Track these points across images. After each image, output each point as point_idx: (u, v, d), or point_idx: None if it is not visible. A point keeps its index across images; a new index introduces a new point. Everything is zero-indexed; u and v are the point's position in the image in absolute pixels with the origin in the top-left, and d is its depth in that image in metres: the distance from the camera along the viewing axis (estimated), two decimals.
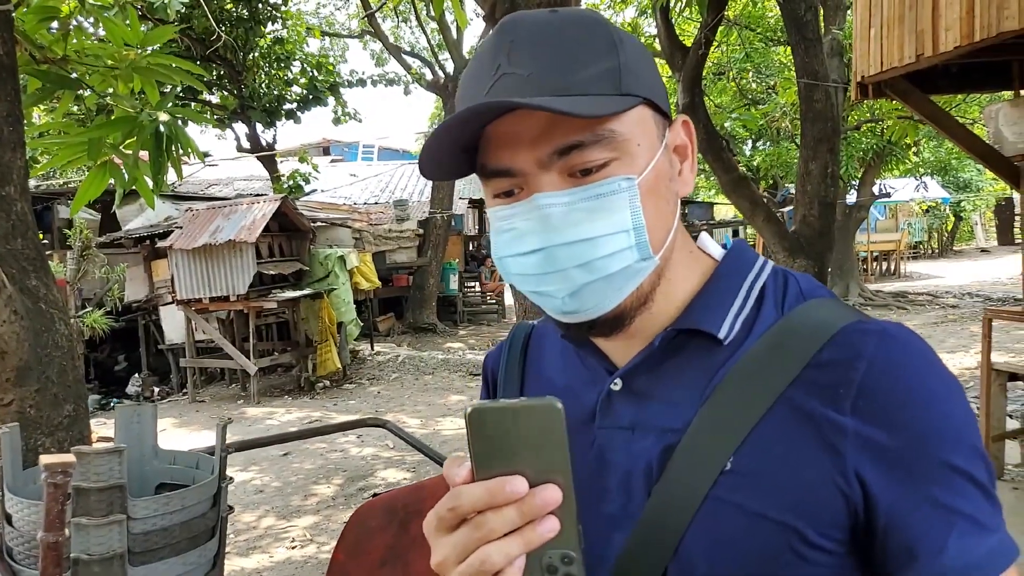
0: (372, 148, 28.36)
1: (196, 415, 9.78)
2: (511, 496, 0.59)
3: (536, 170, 0.72)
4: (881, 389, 0.69)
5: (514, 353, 0.98)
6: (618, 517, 0.76)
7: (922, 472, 0.68)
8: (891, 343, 0.71)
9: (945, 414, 0.69)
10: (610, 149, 0.71)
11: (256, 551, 5.13)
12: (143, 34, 3.51)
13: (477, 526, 0.60)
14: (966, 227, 32.16)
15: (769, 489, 0.70)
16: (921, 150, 18.02)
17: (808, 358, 0.72)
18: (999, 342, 9.85)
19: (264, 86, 14.24)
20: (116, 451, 1.88)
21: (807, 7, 8.05)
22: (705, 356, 0.77)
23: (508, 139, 0.72)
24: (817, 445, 0.70)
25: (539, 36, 0.73)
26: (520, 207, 0.73)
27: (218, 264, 10.27)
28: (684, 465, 0.73)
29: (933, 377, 0.70)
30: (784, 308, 0.78)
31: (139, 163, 3.59)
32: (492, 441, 0.61)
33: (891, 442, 0.68)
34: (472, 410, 0.61)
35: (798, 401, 0.71)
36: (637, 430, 0.77)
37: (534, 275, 0.74)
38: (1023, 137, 5.16)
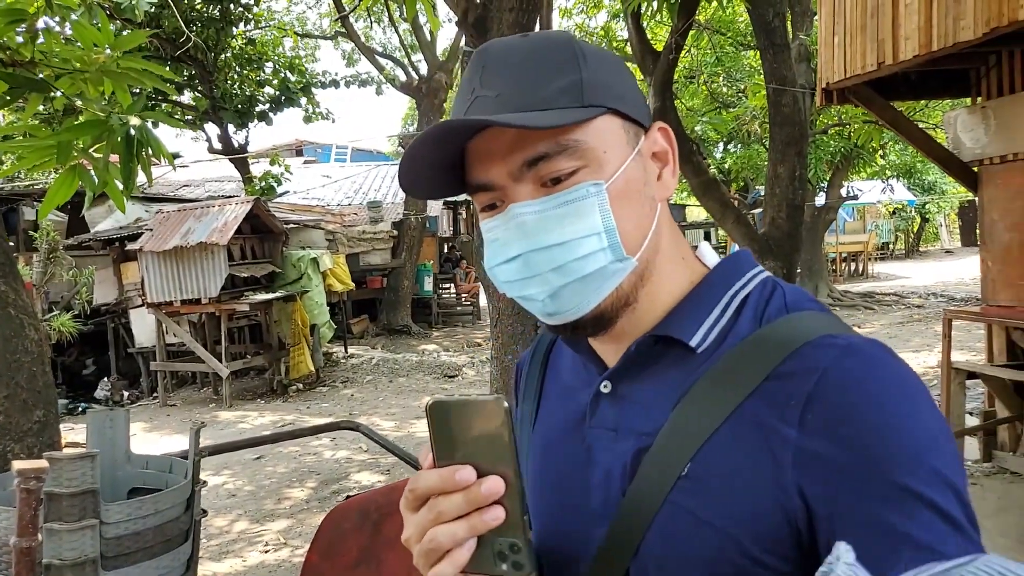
0: (345, 149, 28.22)
1: (167, 419, 9.70)
2: (459, 484, 0.66)
3: (510, 182, 0.77)
4: (831, 402, 0.68)
5: (538, 355, 1.03)
6: (599, 514, 0.81)
7: (870, 491, 0.64)
8: (853, 356, 0.70)
9: (904, 432, 0.66)
10: (576, 158, 0.75)
11: (229, 555, 5.12)
12: (113, 37, 3.50)
13: (430, 508, 0.67)
14: (931, 229, 32.66)
15: (717, 498, 0.72)
16: (887, 153, 18.30)
17: (770, 369, 0.72)
18: (961, 341, 10.06)
19: (236, 87, 14.14)
20: (88, 456, 1.89)
21: (775, 13, 8.17)
22: (680, 363, 0.79)
23: (483, 155, 0.77)
24: (764, 457, 0.70)
25: (508, 59, 0.78)
26: (499, 218, 0.78)
27: (189, 266, 10.19)
28: (651, 469, 0.76)
29: (895, 393, 0.68)
30: (763, 320, 0.78)
31: (109, 167, 3.58)
32: (447, 432, 0.67)
33: (838, 457, 0.66)
34: (432, 403, 0.68)
35: (753, 412, 0.72)
36: (619, 431, 0.81)
37: (517, 280, 0.79)
38: (980, 143, 5.29)
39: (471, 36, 4.59)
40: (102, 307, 11.92)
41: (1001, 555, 0.56)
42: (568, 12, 18.41)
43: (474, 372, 11.28)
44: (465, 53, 4.65)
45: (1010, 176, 5.18)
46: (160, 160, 3.63)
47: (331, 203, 16.89)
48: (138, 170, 3.53)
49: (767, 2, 8.08)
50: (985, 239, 5.47)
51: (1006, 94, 5.16)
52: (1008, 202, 5.20)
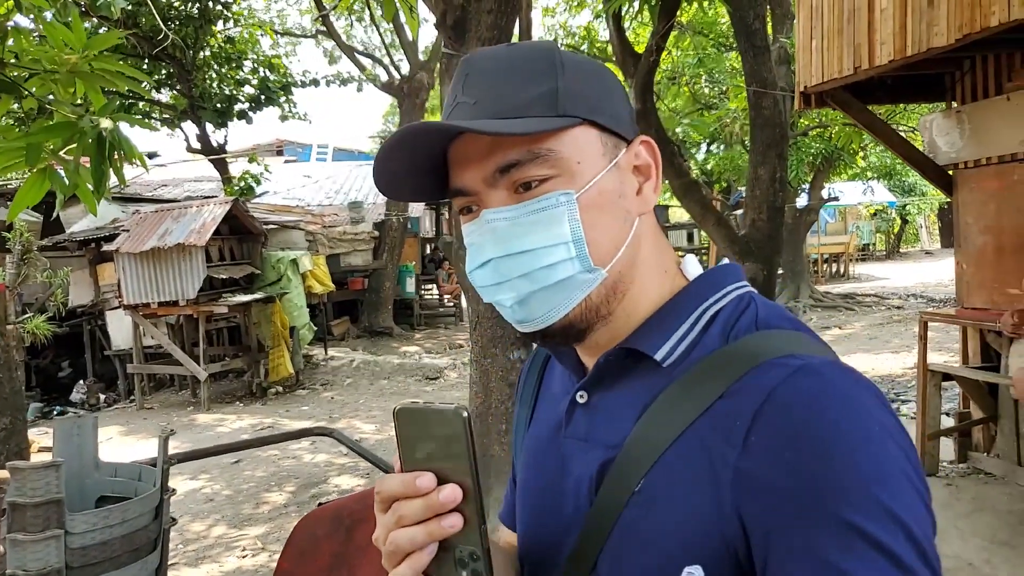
0: (326, 149, 28.09)
1: (144, 423, 9.61)
2: (419, 490, 0.68)
3: (484, 187, 0.78)
4: (778, 426, 0.66)
5: (536, 362, 1.05)
6: (571, 522, 0.82)
7: (809, 521, 0.61)
8: (806, 377, 0.67)
9: (851, 461, 0.62)
10: (548, 166, 0.76)
11: (206, 561, 5.07)
12: (85, 37, 3.45)
13: (393, 512, 0.69)
14: (911, 230, 32.97)
15: (663, 517, 0.71)
16: (868, 155, 18.45)
17: (724, 388, 0.71)
18: (939, 342, 10.14)
19: (215, 86, 14.03)
20: (53, 466, 1.86)
21: (755, 16, 8.21)
22: (647, 377, 0.79)
23: (461, 160, 0.79)
24: (707, 478, 0.69)
25: (489, 67, 0.79)
26: (474, 224, 0.80)
27: (167, 268, 10.11)
28: (610, 483, 0.77)
29: (846, 418, 0.64)
30: (731, 336, 0.77)
31: (80, 169, 3.53)
32: (412, 438, 0.69)
33: (778, 482, 0.64)
34: (399, 409, 0.70)
35: (704, 431, 0.71)
36: (589, 441, 0.83)
37: (489, 286, 0.80)
38: (954, 147, 5.34)
39: (449, 38, 4.56)
40: (78, 309, 11.80)
41: (976, 554, 0.56)
42: (551, 11, 18.43)
43: (456, 374, 11.26)
44: (444, 55, 4.62)
45: (983, 180, 5.23)
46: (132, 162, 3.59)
47: (311, 203, 16.79)
48: (110, 172, 3.50)
49: (747, 4, 8.12)
50: (960, 242, 5.52)
51: (979, 99, 5.20)
52: (981, 205, 5.25)
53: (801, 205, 16.89)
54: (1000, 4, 3.61)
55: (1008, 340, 4.85)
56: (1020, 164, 4.90)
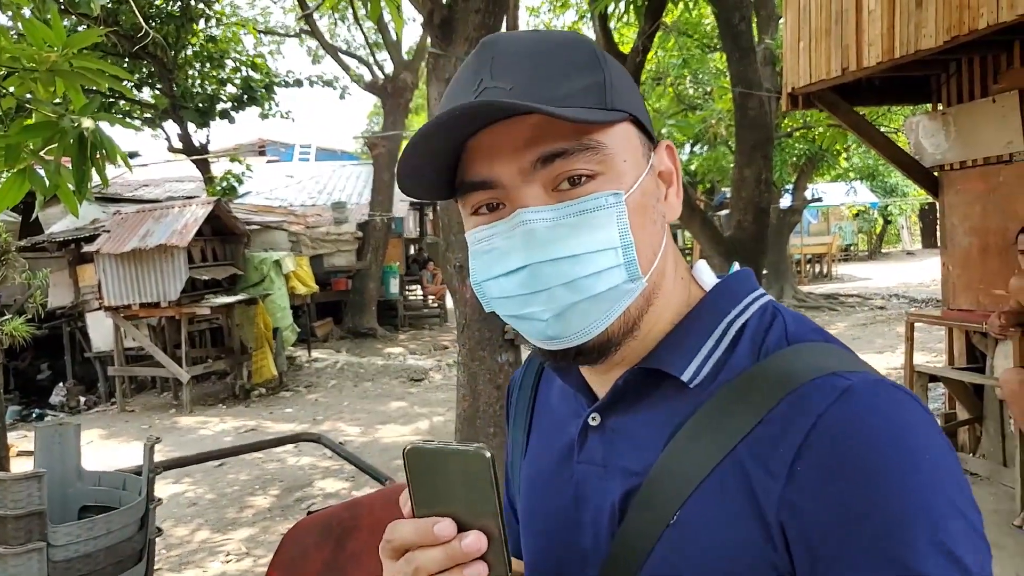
0: (309, 149, 27.94)
1: (125, 425, 9.50)
2: (437, 538, 0.61)
3: (518, 181, 0.70)
4: (825, 454, 0.62)
5: (528, 379, 0.97)
6: (590, 554, 0.76)
7: (854, 558, 0.59)
8: (852, 401, 0.63)
9: (901, 492, 0.59)
10: (596, 162, 0.69)
11: (189, 566, 5.00)
12: (65, 35, 3.39)
13: (408, 561, 0.63)
14: (893, 230, 33.21)
15: (702, 548, 0.67)
16: (851, 156, 18.58)
17: (765, 411, 0.66)
18: (922, 342, 10.21)
19: (197, 85, 13.91)
20: (35, 476, 1.81)
21: (741, 17, 8.24)
22: (672, 399, 0.74)
23: (490, 149, 0.70)
24: (750, 508, 0.65)
25: (522, 51, 0.71)
26: (501, 225, 0.71)
27: (148, 269, 9.99)
28: (639, 514, 0.71)
29: (899, 446, 0.61)
30: (761, 353, 0.72)
31: (61, 169, 3.47)
32: (426, 481, 0.63)
33: (824, 515, 0.61)
34: (409, 449, 0.63)
35: (744, 459, 0.66)
36: (608, 468, 0.77)
37: (517, 296, 0.71)
38: (940, 149, 5.36)
39: (436, 37, 4.53)
40: (57, 311, 11.63)
41: None
42: (535, 11, 18.43)
43: (441, 376, 11.21)
44: (431, 54, 4.59)
45: (969, 181, 5.26)
46: (115, 162, 3.53)
47: (294, 204, 16.69)
48: (92, 172, 3.43)
49: (733, 6, 8.15)
50: (946, 243, 5.55)
51: (965, 101, 5.23)
52: (967, 207, 5.27)
53: (785, 206, 16.98)
54: (988, 6, 3.62)
55: (994, 341, 4.88)
56: (1005, 166, 4.93)
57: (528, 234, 0.69)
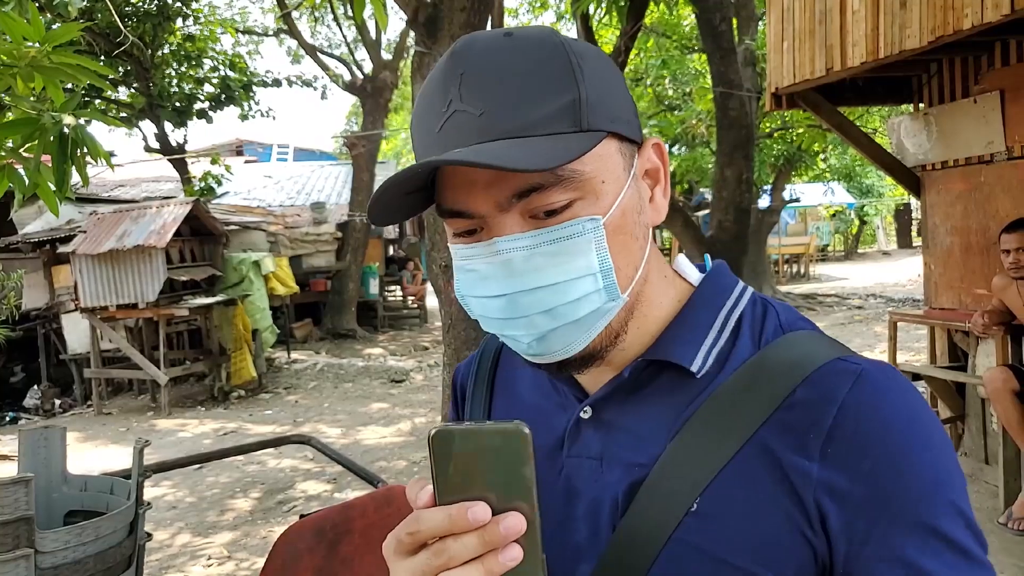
0: (287, 149, 27.77)
1: (103, 428, 9.37)
2: (473, 523, 0.57)
3: (495, 212, 0.69)
4: (852, 435, 0.66)
5: (484, 366, 0.95)
6: (584, 548, 0.75)
7: (889, 526, 0.64)
8: (868, 386, 0.68)
9: (920, 466, 0.65)
10: (572, 189, 0.68)
11: (171, 571, 4.93)
12: (44, 30, 3.32)
13: (437, 553, 0.58)
14: (869, 231, 33.56)
15: (733, 534, 0.68)
16: (828, 157, 18.75)
17: (782, 398, 0.69)
18: (901, 340, 10.29)
19: (174, 84, 13.76)
20: (22, 481, 1.76)
21: (721, 18, 8.29)
22: (676, 389, 0.74)
23: (464, 183, 0.69)
24: (783, 491, 0.67)
25: (492, 65, 0.68)
26: (480, 248, 0.70)
27: (126, 270, 9.87)
28: (649, 503, 0.71)
29: (912, 425, 0.67)
30: (761, 342, 0.75)
31: (41, 167, 3.40)
32: (455, 465, 0.59)
33: (857, 491, 0.65)
34: (436, 432, 0.59)
35: (768, 444, 0.68)
36: (605, 461, 0.76)
37: (498, 319, 0.72)
38: (922, 149, 5.41)
39: (421, 36, 4.50)
40: (32, 312, 11.47)
41: None
42: (514, 12, 18.42)
43: (422, 377, 11.16)
44: (416, 53, 4.56)
45: (950, 181, 5.30)
46: (97, 161, 3.47)
47: (273, 204, 16.56)
48: (72, 171, 3.37)
49: (713, 7, 8.19)
50: (927, 243, 5.59)
51: (947, 101, 5.27)
52: (948, 207, 5.32)
53: (763, 206, 17.09)
54: (973, 7, 3.65)
55: (975, 340, 4.93)
56: (986, 166, 4.97)
57: (506, 263, 0.69)
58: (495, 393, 0.93)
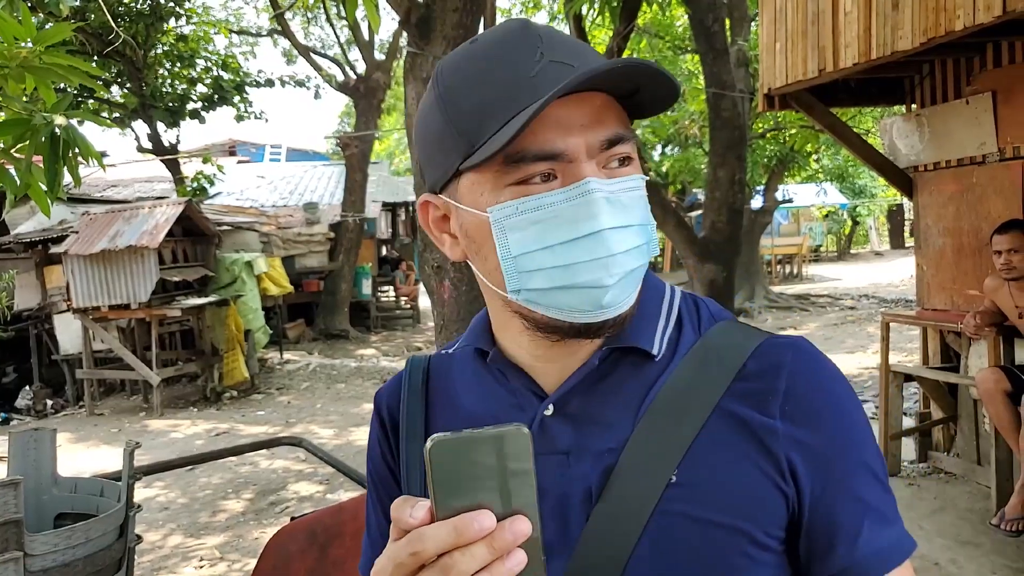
0: (280, 149, 27.73)
1: (95, 429, 9.34)
2: (480, 533, 0.56)
3: (584, 156, 0.72)
4: (804, 396, 0.76)
5: (414, 385, 0.93)
6: (554, 545, 0.74)
7: (842, 468, 0.75)
8: (804, 356, 0.78)
9: (855, 417, 0.77)
10: (631, 148, 0.76)
11: (162, 572, 4.91)
12: (36, 31, 3.31)
13: (444, 569, 0.56)
14: (862, 231, 33.62)
15: (715, 496, 0.73)
16: (821, 157, 18.78)
17: (735, 371, 0.77)
18: (893, 341, 10.31)
19: (167, 84, 13.72)
20: (11, 484, 1.75)
21: (714, 18, 8.29)
22: (637, 374, 0.79)
23: (562, 123, 0.71)
24: (754, 448, 0.74)
25: (562, 39, 0.76)
26: (563, 193, 0.71)
27: (118, 270, 9.83)
28: (627, 483, 0.73)
29: (840, 386, 0.78)
30: (701, 329, 0.82)
31: (32, 168, 3.39)
32: (454, 475, 0.58)
33: (816, 441, 0.75)
34: (433, 444, 0.58)
35: (733, 410, 0.75)
36: (572, 455, 0.77)
37: (579, 264, 0.72)
38: (915, 150, 5.42)
39: (414, 37, 4.49)
40: (24, 312, 11.41)
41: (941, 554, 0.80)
42: (506, 12, 18.41)
43: None
44: (409, 54, 4.55)
45: (942, 182, 5.32)
46: (88, 161, 3.45)
47: (266, 204, 16.52)
48: (64, 172, 3.35)
49: (706, 7, 8.20)
50: (920, 244, 5.60)
51: (939, 102, 5.29)
52: (941, 208, 5.33)
53: (756, 207, 17.12)
54: (965, 8, 3.65)
55: (968, 341, 4.94)
56: (979, 167, 4.99)
57: (596, 203, 0.71)
58: (432, 409, 0.90)
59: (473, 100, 0.73)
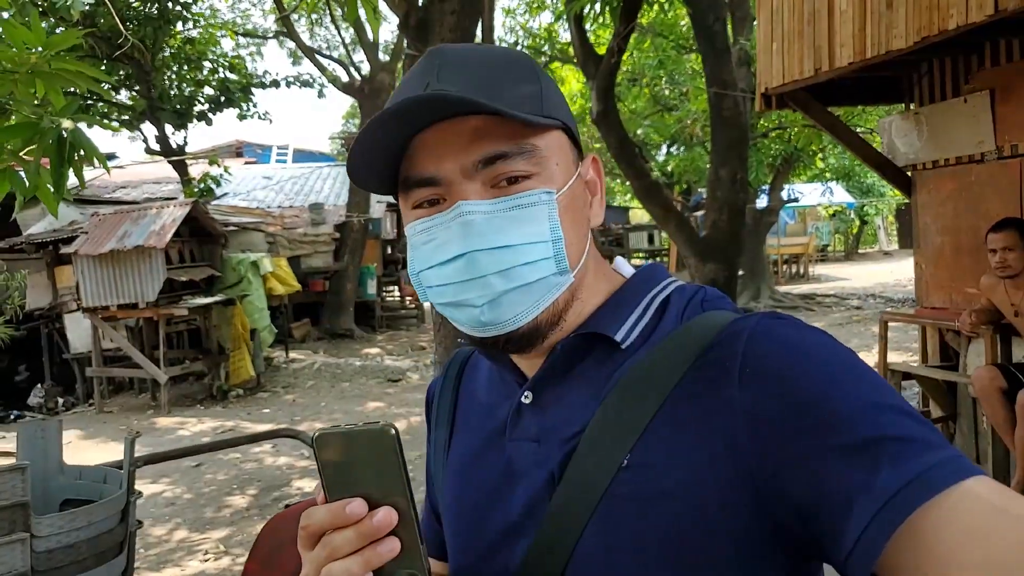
0: (286, 150, 27.81)
1: (104, 427, 9.43)
2: (350, 518, 0.64)
3: (460, 179, 0.74)
4: (765, 354, 0.70)
5: (450, 376, 1.00)
6: (522, 525, 0.78)
7: (831, 422, 0.65)
8: (770, 319, 0.74)
9: (839, 360, 0.69)
10: (532, 163, 0.75)
11: (168, 565, 4.99)
12: (45, 36, 3.38)
13: (324, 545, 0.65)
14: (870, 231, 33.47)
15: (665, 475, 0.71)
16: (827, 156, 18.74)
17: (697, 355, 0.73)
18: (898, 341, 10.36)
19: (174, 87, 13.83)
20: (18, 468, 1.82)
21: (715, 18, 8.32)
22: (605, 361, 0.79)
23: (435, 147, 0.74)
24: (711, 423, 0.70)
25: (467, 60, 0.77)
26: (441, 217, 0.75)
27: (126, 270, 9.93)
28: (581, 468, 0.74)
29: (814, 337, 0.71)
30: (684, 319, 0.80)
31: (40, 170, 3.46)
32: (336, 465, 0.65)
33: (787, 399, 0.67)
34: (317, 435, 0.65)
35: (690, 389, 0.72)
36: (542, 440, 0.80)
37: (454, 283, 0.76)
38: (913, 148, 5.45)
39: (413, 39, 4.56)
40: (35, 312, 11.54)
41: None
42: (511, 12, 18.47)
43: (418, 376, 11.21)
44: (407, 56, 4.61)
45: (941, 181, 5.34)
46: (93, 164, 3.53)
47: (272, 205, 16.62)
48: (70, 175, 3.43)
49: (708, 7, 8.23)
50: (918, 242, 5.63)
51: (937, 101, 5.31)
52: (939, 206, 5.36)
53: (761, 206, 17.10)
54: (958, 7, 3.69)
55: (966, 339, 4.96)
56: (977, 165, 5.01)
57: (467, 224, 0.74)
58: (459, 399, 0.97)
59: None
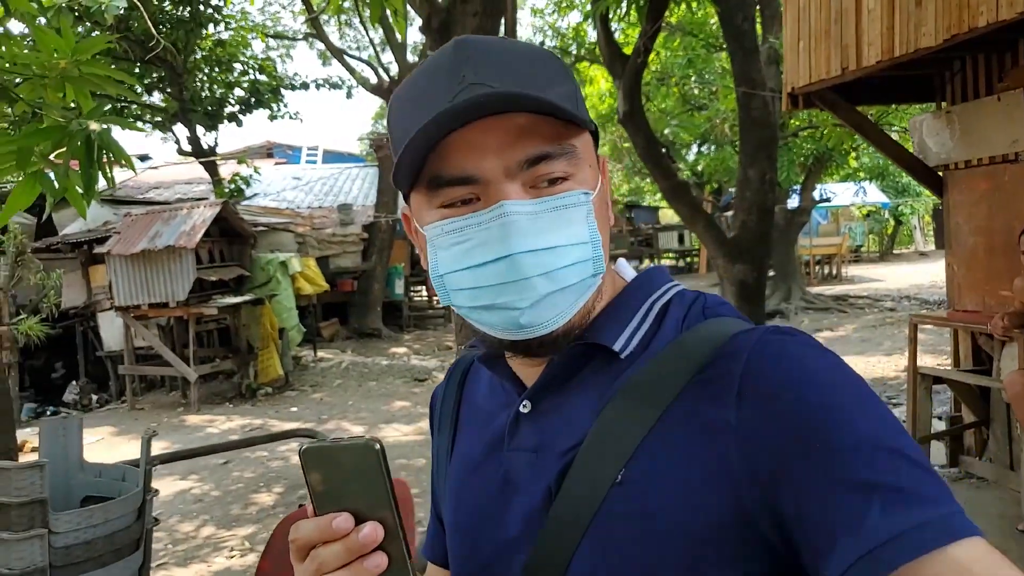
0: (316, 151, 28.01)
1: (135, 423, 9.58)
2: (336, 532, 0.63)
3: (502, 178, 0.72)
4: (764, 375, 0.68)
5: (452, 384, 0.99)
6: (520, 540, 0.77)
7: (829, 448, 0.63)
8: (773, 336, 0.72)
9: (845, 388, 0.67)
10: (571, 164, 0.74)
11: (195, 561, 5.06)
12: (74, 42, 3.43)
13: (312, 559, 0.65)
14: (906, 231, 32.94)
15: (659, 494, 0.70)
16: (860, 155, 18.47)
17: (698, 368, 0.72)
18: (933, 344, 10.17)
19: (205, 89, 14.00)
20: (37, 466, 1.85)
21: (744, 17, 8.23)
22: (604, 372, 0.77)
23: (475, 146, 0.71)
24: (705, 443, 0.69)
25: (499, 55, 0.74)
26: (477, 216, 0.72)
27: (157, 270, 10.07)
28: (576, 483, 0.73)
29: (818, 359, 0.69)
30: (684, 327, 0.78)
31: (69, 172, 3.52)
32: (323, 480, 0.65)
33: (783, 422, 0.66)
34: (303, 450, 0.65)
35: (686, 407, 0.71)
36: (540, 452, 0.78)
37: (492, 286, 0.73)
38: (945, 148, 5.34)
39: (435, 41, 4.57)
40: (70, 310, 11.75)
41: None
42: (540, 12, 18.44)
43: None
44: None
45: (973, 181, 5.23)
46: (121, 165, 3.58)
47: (301, 205, 16.77)
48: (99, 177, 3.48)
49: (736, 5, 8.14)
50: (951, 243, 5.51)
51: (970, 99, 5.20)
52: (972, 207, 5.25)
53: (792, 206, 16.89)
54: (988, 4, 3.62)
55: (1000, 343, 4.83)
56: (1011, 165, 4.90)
57: (510, 225, 0.71)
58: (461, 407, 0.96)
59: (399, 128, 0.76)
